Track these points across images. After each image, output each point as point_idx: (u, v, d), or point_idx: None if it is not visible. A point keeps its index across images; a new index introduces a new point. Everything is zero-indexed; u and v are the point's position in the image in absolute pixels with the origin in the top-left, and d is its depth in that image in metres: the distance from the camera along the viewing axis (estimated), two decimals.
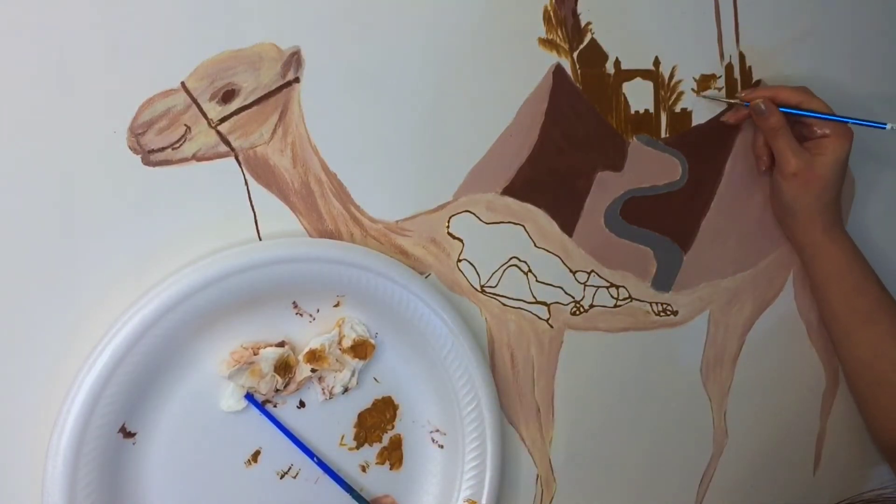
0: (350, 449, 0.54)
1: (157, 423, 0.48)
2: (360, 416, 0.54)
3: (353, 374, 0.52)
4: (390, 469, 0.55)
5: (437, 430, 0.56)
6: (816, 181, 0.59)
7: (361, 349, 0.52)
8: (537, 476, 0.60)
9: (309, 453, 0.51)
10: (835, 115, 0.59)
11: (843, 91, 0.64)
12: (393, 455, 0.55)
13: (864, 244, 0.63)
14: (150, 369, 0.46)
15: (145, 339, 0.45)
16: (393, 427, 0.55)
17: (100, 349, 0.45)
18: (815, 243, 0.61)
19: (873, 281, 0.61)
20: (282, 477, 0.52)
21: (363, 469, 0.54)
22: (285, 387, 0.50)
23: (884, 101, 0.67)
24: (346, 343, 0.52)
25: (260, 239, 0.50)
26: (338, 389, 0.52)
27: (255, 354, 0.49)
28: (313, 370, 0.50)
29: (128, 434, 0.47)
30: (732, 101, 0.61)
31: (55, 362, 0.46)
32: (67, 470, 0.44)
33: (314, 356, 0.51)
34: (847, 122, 0.59)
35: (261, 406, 0.50)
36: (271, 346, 0.50)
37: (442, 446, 0.56)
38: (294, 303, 0.51)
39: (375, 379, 0.54)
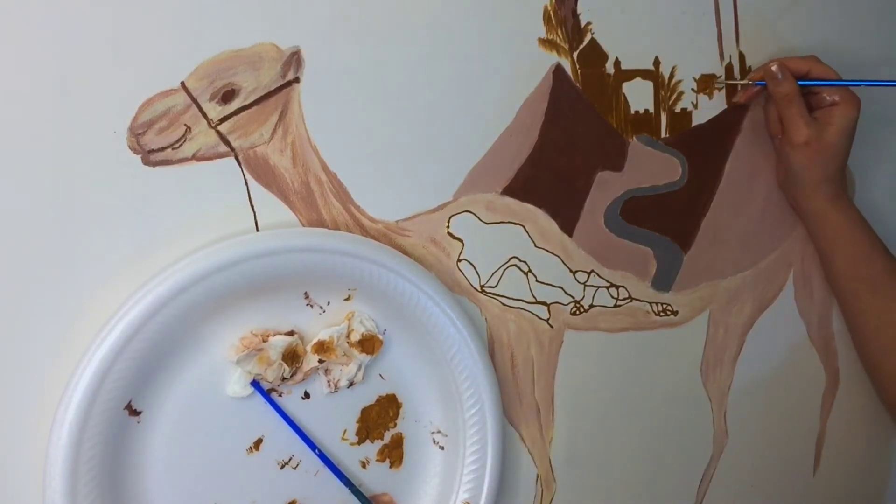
0: (351, 444, 0.54)
1: (162, 403, 0.48)
2: (364, 411, 0.54)
3: (359, 369, 0.52)
4: (390, 467, 0.55)
5: (439, 432, 0.56)
6: (826, 150, 0.59)
7: (369, 344, 0.52)
8: (537, 476, 0.60)
9: (311, 445, 0.51)
10: (846, 81, 0.59)
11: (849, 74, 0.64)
12: (394, 453, 0.55)
13: None
14: (160, 349, 0.46)
15: (157, 318, 0.45)
16: (395, 425, 0.55)
17: (113, 323, 0.45)
18: (819, 212, 0.62)
19: (879, 249, 0.61)
20: (282, 467, 0.52)
21: (363, 465, 0.54)
22: (292, 376, 0.51)
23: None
24: (355, 337, 0.52)
25: None
26: (343, 383, 0.52)
27: (263, 341, 0.49)
28: (320, 361, 0.51)
29: (133, 412, 0.47)
30: (742, 81, 0.61)
31: (65, 338, 0.46)
32: (72, 441, 0.44)
33: (322, 347, 0.51)
34: (859, 86, 0.59)
35: (266, 394, 0.50)
36: (280, 334, 0.50)
37: (443, 448, 0.56)
38: (306, 293, 0.51)
39: (381, 376, 0.54)
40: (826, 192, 0.61)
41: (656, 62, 0.59)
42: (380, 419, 0.54)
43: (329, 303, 0.52)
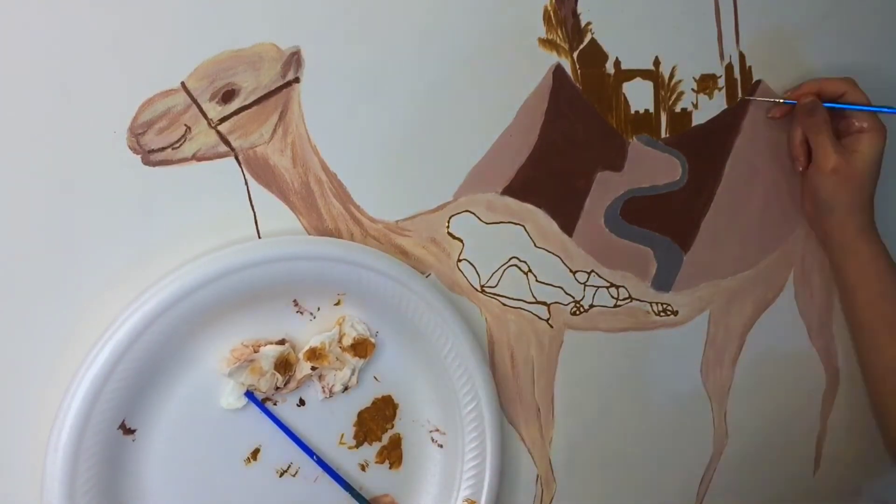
0: (350, 448, 0.54)
1: (157, 420, 0.48)
2: (360, 414, 0.54)
3: (353, 373, 0.52)
4: (390, 468, 0.55)
5: (437, 430, 0.56)
6: (855, 178, 0.59)
7: (362, 348, 0.52)
8: (537, 476, 0.60)
9: (308, 451, 0.51)
10: (875, 106, 0.59)
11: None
12: (392, 454, 0.55)
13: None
14: (151, 366, 0.46)
15: (146, 336, 0.45)
16: (393, 426, 0.55)
17: (101, 345, 0.45)
18: (848, 244, 0.61)
19: None
20: (281, 475, 0.52)
21: (363, 468, 0.54)
22: (285, 385, 0.50)
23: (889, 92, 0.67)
24: (347, 341, 0.52)
25: (260, 238, 0.50)
26: (338, 388, 0.52)
27: (255, 352, 0.49)
28: (313, 368, 0.50)
29: (128, 431, 0.47)
30: (778, 100, 0.62)
31: (55, 358, 0.46)
32: (67, 466, 0.44)
33: (314, 354, 0.51)
34: (887, 112, 0.60)
35: (261, 404, 0.50)
36: (272, 343, 0.50)
37: (441, 446, 0.56)
38: (295, 301, 0.51)
39: (375, 378, 0.54)
40: (856, 224, 0.60)
41: (656, 62, 0.59)
42: (377, 421, 0.54)
43: (319, 308, 0.52)
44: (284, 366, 0.50)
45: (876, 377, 0.63)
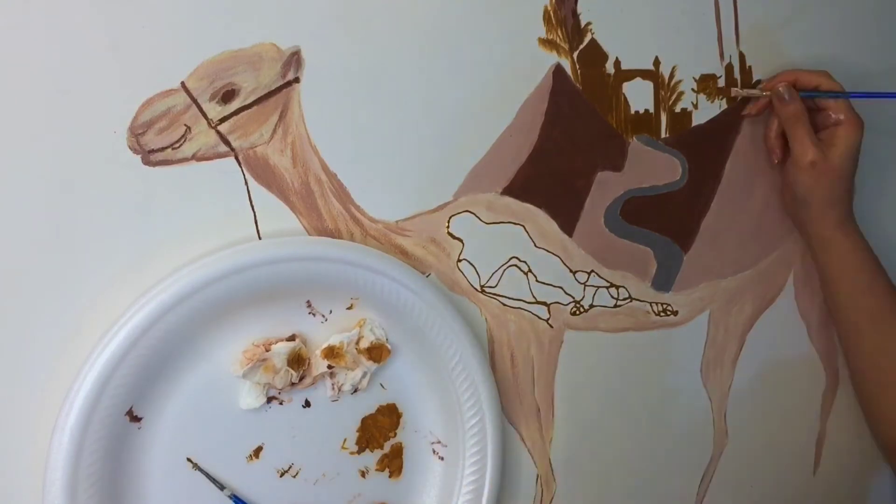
0: (351, 453, 0.54)
1: (163, 410, 0.48)
2: (364, 420, 0.54)
3: (364, 376, 0.52)
4: (389, 477, 0.55)
5: (439, 442, 0.55)
6: (832, 172, 0.58)
7: (377, 352, 0.52)
8: (537, 476, 0.60)
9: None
10: (854, 93, 0.59)
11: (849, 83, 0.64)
12: (393, 463, 0.55)
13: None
14: (162, 356, 0.47)
15: (159, 325, 0.45)
16: (395, 435, 0.55)
17: (114, 331, 0.45)
18: (826, 237, 0.60)
19: (883, 279, 0.60)
20: (282, 475, 0.52)
21: (363, 474, 0.54)
22: (300, 380, 0.51)
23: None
24: (364, 344, 0.52)
25: (260, 238, 0.50)
26: (347, 387, 0.52)
27: (266, 350, 0.49)
28: (330, 366, 0.50)
29: (134, 418, 0.47)
30: (764, 93, 0.60)
31: (56, 358, 0.46)
32: (72, 447, 0.44)
33: (332, 352, 0.51)
34: (865, 98, 0.60)
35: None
36: (282, 340, 0.50)
37: (442, 458, 0.55)
38: (308, 302, 0.51)
39: (382, 385, 0.54)
40: (833, 217, 0.60)
41: (656, 62, 0.59)
42: (380, 428, 0.54)
43: (331, 311, 0.52)
44: (297, 361, 0.50)
45: (858, 368, 0.63)
